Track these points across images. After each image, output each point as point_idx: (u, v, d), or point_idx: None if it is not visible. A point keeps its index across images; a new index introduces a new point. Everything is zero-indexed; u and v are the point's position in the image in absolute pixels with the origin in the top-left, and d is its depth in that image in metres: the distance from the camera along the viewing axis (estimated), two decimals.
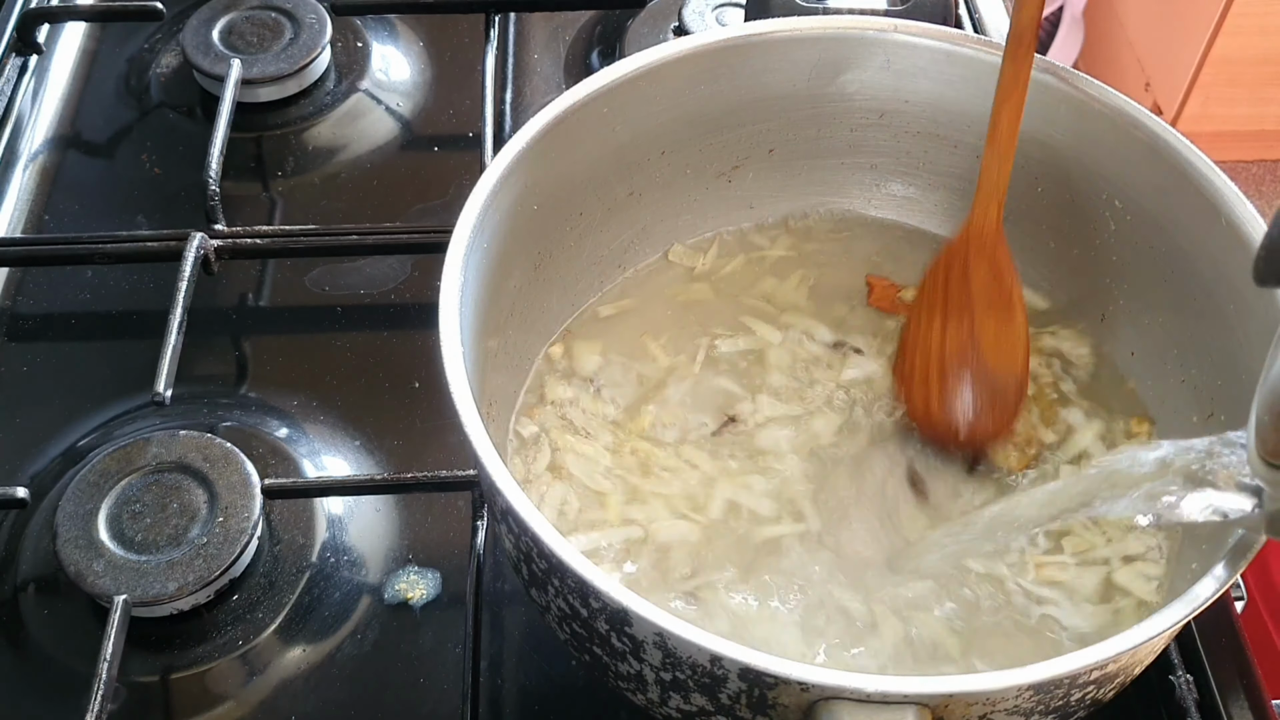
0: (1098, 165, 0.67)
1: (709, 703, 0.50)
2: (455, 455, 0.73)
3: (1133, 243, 0.67)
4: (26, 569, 0.69)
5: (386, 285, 0.83)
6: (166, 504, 0.67)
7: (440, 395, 0.51)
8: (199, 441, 0.69)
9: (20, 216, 0.86)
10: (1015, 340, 0.66)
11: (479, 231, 0.58)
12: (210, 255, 0.77)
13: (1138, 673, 0.54)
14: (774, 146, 0.73)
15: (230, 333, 0.81)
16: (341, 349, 0.80)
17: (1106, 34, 2.33)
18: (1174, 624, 0.48)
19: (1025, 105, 0.65)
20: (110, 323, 0.82)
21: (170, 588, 0.64)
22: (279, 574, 0.68)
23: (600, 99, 0.64)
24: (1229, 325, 0.61)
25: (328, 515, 0.71)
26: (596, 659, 0.53)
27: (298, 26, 0.93)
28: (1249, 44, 2.02)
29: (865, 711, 0.45)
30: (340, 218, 0.85)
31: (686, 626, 0.46)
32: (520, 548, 0.53)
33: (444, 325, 0.54)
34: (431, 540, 0.71)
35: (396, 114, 0.94)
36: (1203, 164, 0.61)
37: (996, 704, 0.47)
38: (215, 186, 0.80)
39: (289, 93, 0.92)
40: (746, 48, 0.68)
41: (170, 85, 0.94)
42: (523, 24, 1.00)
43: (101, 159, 0.92)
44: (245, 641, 0.66)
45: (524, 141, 0.61)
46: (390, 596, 0.69)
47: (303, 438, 0.75)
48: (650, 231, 0.73)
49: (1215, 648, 0.65)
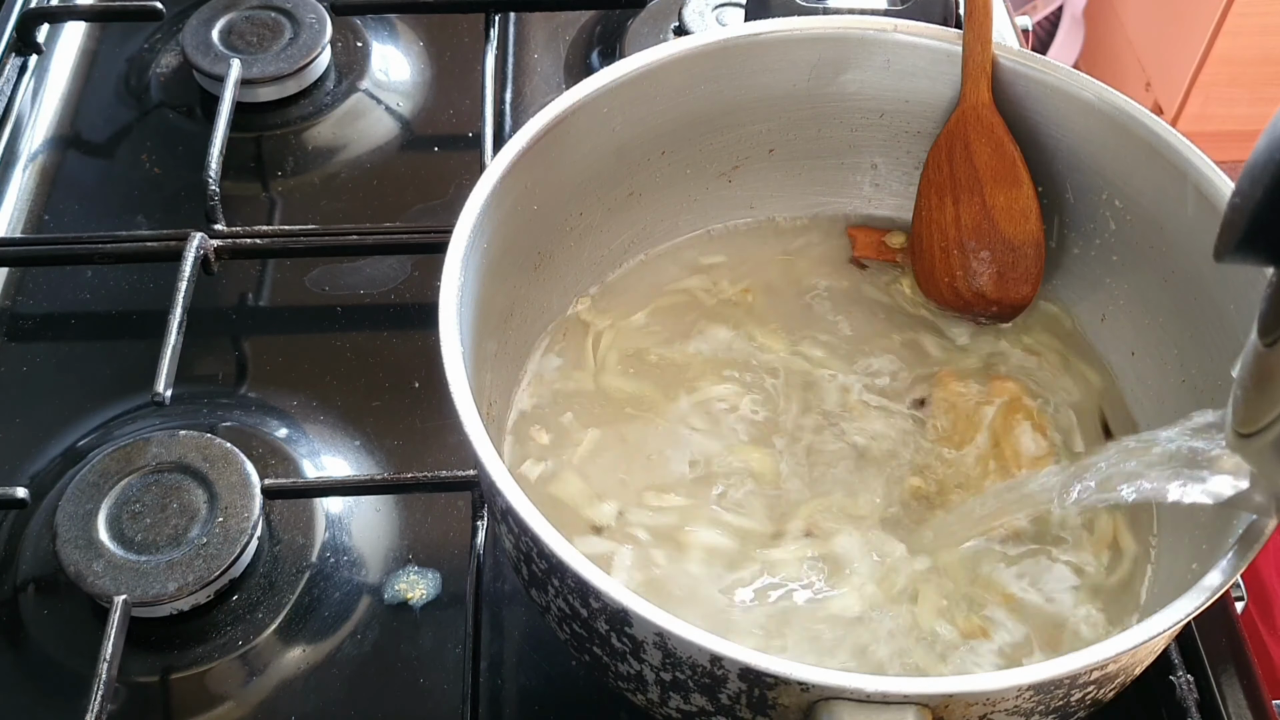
0: (1098, 165, 0.67)
1: (709, 703, 0.50)
2: (455, 455, 0.73)
3: (1133, 243, 0.67)
4: (26, 569, 0.69)
5: (386, 285, 0.83)
6: (166, 504, 0.67)
7: (440, 395, 0.51)
8: (199, 441, 0.69)
9: (20, 216, 0.86)
10: (1027, 205, 0.68)
11: (479, 231, 0.58)
12: (210, 255, 0.77)
13: (1138, 673, 0.54)
14: (774, 146, 0.73)
15: (230, 333, 0.81)
16: (341, 349, 0.80)
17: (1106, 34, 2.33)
18: (1174, 624, 0.48)
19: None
20: (110, 323, 0.82)
21: (170, 588, 0.64)
22: (279, 574, 0.68)
23: (600, 99, 0.64)
24: (1229, 325, 0.61)
25: (327, 515, 0.71)
26: (596, 659, 0.53)
27: (298, 26, 0.93)
28: (1249, 44, 2.02)
29: (865, 711, 0.45)
30: (340, 218, 0.85)
31: (686, 626, 0.46)
32: (520, 548, 0.53)
33: (444, 325, 0.54)
34: (431, 540, 0.71)
35: (396, 114, 0.94)
36: (1203, 164, 0.61)
37: (996, 704, 0.47)
38: (215, 186, 0.80)
39: (289, 93, 0.92)
40: (746, 48, 0.68)
41: (170, 85, 0.94)
42: (523, 24, 1.00)
43: (101, 159, 0.92)
44: (245, 642, 0.66)
45: (524, 141, 0.61)
46: (390, 596, 0.69)
47: (302, 438, 0.75)
48: (650, 231, 0.73)
49: (1215, 648, 0.65)
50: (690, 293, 0.73)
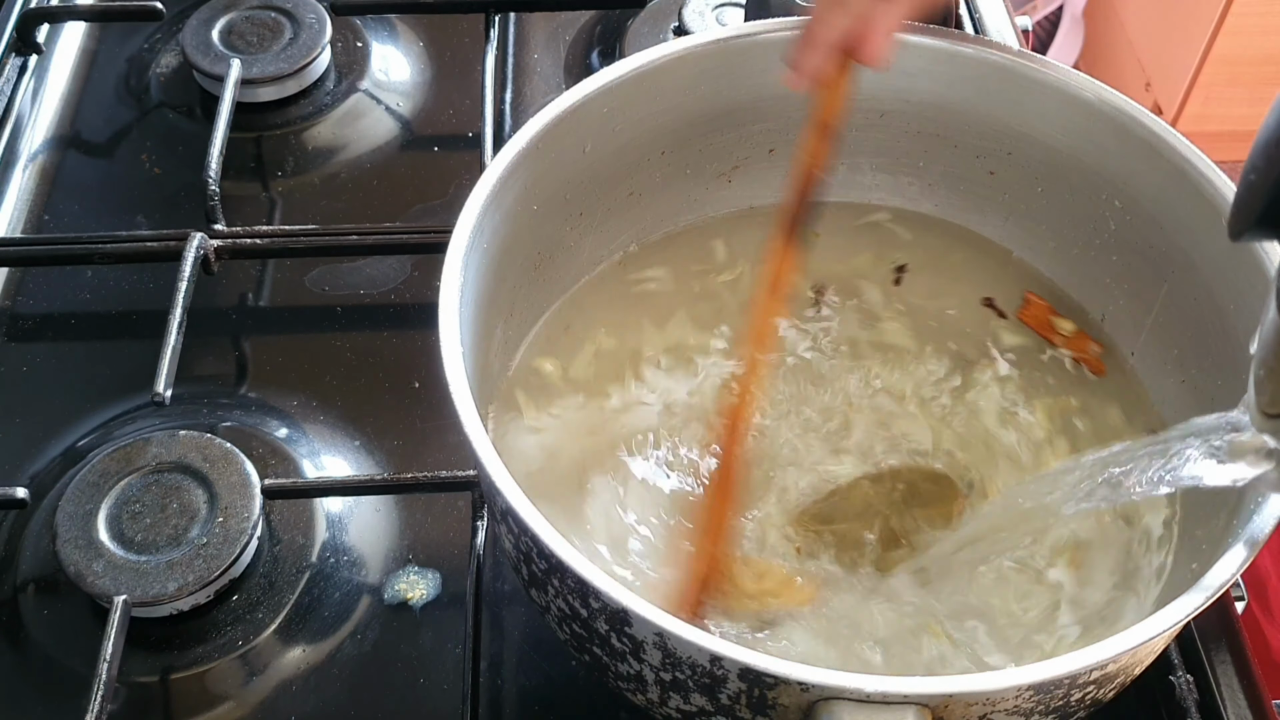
0: (1098, 165, 0.67)
1: (709, 703, 0.50)
2: (455, 455, 0.73)
3: (1133, 243, 0.67)
4: (26, 569, 0.68)
5: (386, 285, 0.83)
6: (166, 504, 0.67)
7: (440, 395, 0.51)
8: (199, 441, 0.69)
9: (20, 216, 0.86)
10: None
11: (479, 231, 0.58)
12: (210, 255, 0.77)
13: (1138, 673, 0.54)
14: (774, 146, 0.73)
15: (230, 333, 0.81)
16: (341, 349, 0.80)
17: (1106, 34, 2.33)
18: (1174, 624, 0.48)
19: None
20: (110, 323, 0.82)
21: (170, 588, 0.64)
22: (279, 574, 0.68)
23: (600, 99, 0.64)
24: (1229, 325, 0.61)
25: (327, 515, 0.71)
26: (596, 659, 0.53)
27: (297, 26, 0.93)
28: (1249, 44, 2.02)
29: (865, 711, 0.45)
30: (340, 218, 0.85)
31: (686, 627, 0.46)
32: (520, 548, 0.53)
33: (444, 325, 0.54)
34: (431, 540, 0.71)
35: (396, 114, 0.94)
36: (1203, 164, 0.61)
37: (996, 704, 0.47)
38: (215, 186, 0.80)
39: (289, 93, 0.92)
40: (746, 48, 0.67)
41: (170, 85, 0.94)
42: (523, 24, 1.00)
43: (101, 159, 0.92)
44: (245, 642, 0.66)
45: (524, 141, 0.61)
46: (390, 597, 0.69)
47: (302, 438, 0.75)
48: (650, 231, 0.73)
49: (1215, 648, 0.65)
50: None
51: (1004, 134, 0.69)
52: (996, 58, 0.66)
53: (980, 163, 0.71)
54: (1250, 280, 0.59)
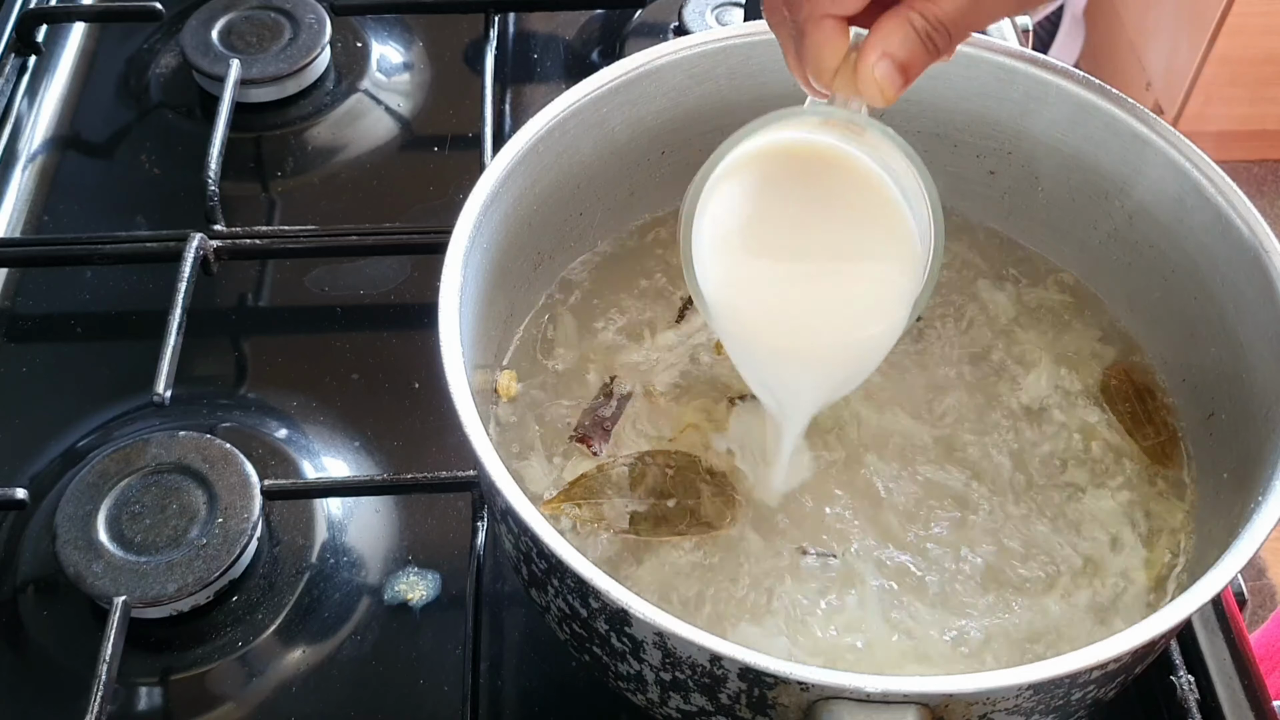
0: (1098, 165, 0.67)
1: (709, 703, 0.50)
2: (455, 455, 0.73)
3: (1133, 243, 0.67)
4: (26, 570, 0.68)
5: (386, 285, 0.83)
6: (166, 505, 0.67)
7: (440, 395, 0.51)
8: (198, 442, 0.69)
9: (20, 217, 0.86)
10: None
11: (479, 231, 0.58)
12: (210, 256, 0.77)
13: (1138, 672, 0.54)
14: None
15: (230, 333, 0.81)
16: (341, 349, 0.80)
17: (1106, 34, 2.33)
18: (1175, 623, 0.48)
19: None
20: (110, 323, 0.82)
21: (170, 589, 0.64)
22: (279, 575, 0.68)
23: (600, 99, 0.64)
24: (1229, 325, 0.61)
25: (327, 516, 0.71)
26: (596, 659, 0.53)
27: (297, 27, 0.93)
28: (1250, 44, 2.02)
29: (865, 711, 0.45)
30: (340, 218, 0.85)
31: (686, 627, 0.46)
32: (520, 548, 0.53)
33: (444, 325, 0.54)
34: (431, 541, 0.71)
35: (396, 114, 0.94)
36: (1203, 164, 0.61)
37: (997, 704, 0.47)
38: (214, 187, 0.80)
39: (288, 93, 0.92)
40: (746, 48, 0.67)
41: (169, 85, 0.94)
42: (523, 24, 1.01)
43: (101, 159, 0.92)
44: (245, 643, 0.66)
45: (524, 141, 0.61)
46: (390, 598, 0.69)
47: (302, 438, 0.75)
48: (651, 231, 0.73)
49: (1215, 648, 0.65)
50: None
51: (1004, 134, 0.69)
52: (997, 57, 0.66)
53: (980, 162, 0.71)
54: (1250, 280, 0.59)
